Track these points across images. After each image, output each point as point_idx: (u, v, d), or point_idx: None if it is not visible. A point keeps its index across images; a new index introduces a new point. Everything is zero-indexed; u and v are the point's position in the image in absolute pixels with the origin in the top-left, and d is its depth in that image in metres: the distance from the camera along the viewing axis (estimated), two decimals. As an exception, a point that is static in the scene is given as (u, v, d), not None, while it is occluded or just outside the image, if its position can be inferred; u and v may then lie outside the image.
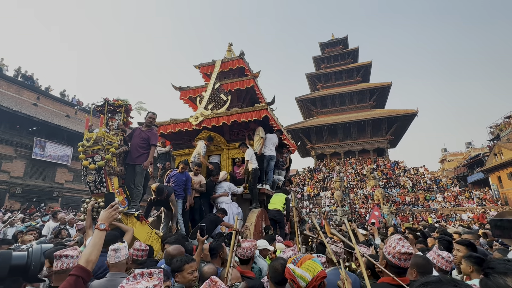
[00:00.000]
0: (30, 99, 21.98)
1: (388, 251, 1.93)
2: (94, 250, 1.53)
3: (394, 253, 1.87)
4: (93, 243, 1.56)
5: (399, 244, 1.89)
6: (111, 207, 1.74)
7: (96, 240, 1.57)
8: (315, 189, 29.74)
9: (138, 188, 4.71)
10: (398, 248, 1.86)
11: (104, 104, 4.68)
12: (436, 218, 21.41)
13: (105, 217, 1.70)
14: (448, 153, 59.75)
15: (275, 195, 6.67)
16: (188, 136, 7.73)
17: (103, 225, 1.64)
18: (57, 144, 21.27)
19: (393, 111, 35.76)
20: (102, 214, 1.72)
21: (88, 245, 1.56)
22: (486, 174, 32.16)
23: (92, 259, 1.50)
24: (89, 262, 1.47)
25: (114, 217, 1.74)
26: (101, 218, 1.70)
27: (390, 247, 1.93)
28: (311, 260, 1.51)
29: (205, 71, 9.15)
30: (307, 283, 1.41)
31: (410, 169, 30.95)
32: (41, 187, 20.32)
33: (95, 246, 1.55)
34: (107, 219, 1.69)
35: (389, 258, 1.90)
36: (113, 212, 1.74)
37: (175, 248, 2.56)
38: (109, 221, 1.70)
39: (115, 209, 1.75)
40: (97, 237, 1.59)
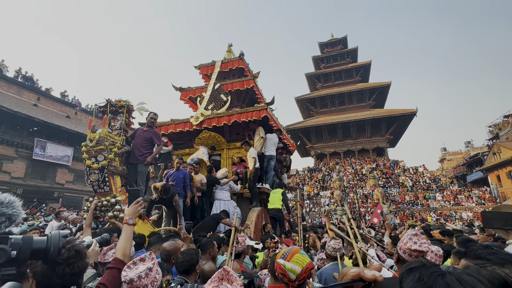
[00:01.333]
0: (30, 100, 22.04)
1: (400, 246, 1.91)
2: (128, 244, 1.62)
3: (405, 249, 1.85)
4: (125, 238, 1.63)
5: (412, 241, 1.86)
6: (137, 203, 1.80)
7: (127, 234, 1.65)
8: (314, 189, 29.82)
9: (140, 187, 4.79)
10: (409, 245, 1.84)
11: (107, 105, 4.76)
12: (436, 217, 21.50)
13: (132, 212, 1.76)
14: (447, 153, 59.81)
15: (272, 194, 6.72)
16: (189, 136, 7.81)
17: (131, 220, 1.71)
18: (58, 144, 21.34)
19: (393, 110, 35.84)
20: (129, 209, 1.77)
21: (121, 240, 1.63)
22: (485, 173, 32.26)
23: (127, 252, 1.58)
24: (126, 255, 1.56)
25: (139, 212, 1.81)
26: (128, 214, 1.75)
27: (402, 242, 1.90)
28: (299, 254, 1.56)
29: (205, 72, 9.23)
30: (297, 276, 1.46)
31: (409, 168, 31.04)
32: (41, 187, 20.38)
33: (127, 240, 1.62)
34: (134, 214, 1.76)
35: (400, 253, 1.88)
36: (139, 207, 1.80)
37: (170, 244, 2.62)
38: (135, 215, 1.77)
39: (140, 204, 1.82)
40: (128, 231, 1.66)
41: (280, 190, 6.66)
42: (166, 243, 2.70)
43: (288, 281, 1.47)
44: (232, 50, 9.95)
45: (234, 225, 2.46)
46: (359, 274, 0.51)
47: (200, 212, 6.08)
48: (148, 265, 1.45)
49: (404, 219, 20.72)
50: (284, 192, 6.66)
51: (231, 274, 1.12)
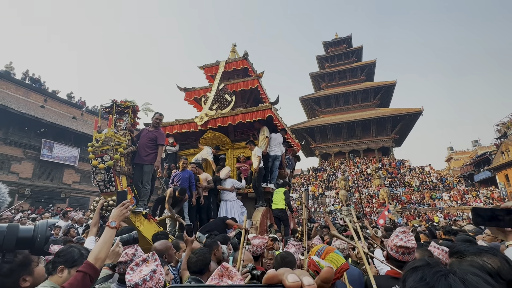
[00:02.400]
0: (37, 102, 22.33)
1: (388, 243, 1.95)
2: (104, 247, 1.51)
3: (392, 246, 1.87)
4: (103, 241, 1.53)
5: (398, 237, 1.88)
6: (123, 205, 1.72)
7: (106, 237, 1.55)
8: (319, 189, 29.70)
9: (145, 187, 4.82)
10: (395, 241, 1.86)
11: (112, 106, 4.80)
12: (443, 217, 21.26)
13: (116, 215, 1.67)
14: (454, 152, 59.10)
15: (275, 193, 6.71)
16: (194, 136, 7.84)
17: (113, 223, 1.62)
18: (64, 145, 21.60)
19: (398, 109, 35.55)
20: (114, 212, 1.70)
21: (98, 242, 1.54)
22: (493, 172, 31.79)
23: (102, 256, 1.47)
24: (98, 259, 1.45)
25: (125, 215, 1.72)
26: (112, 216, 1.67)
27: (390, 239, 1.94)
28: (334, 252, 1.53)
29: (209, 72, 9.26)
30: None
31: (415, 168, 30.73)
32: (49, 187, 20.64)
33: (105, 244, 1.52)
34: (118, 217, 1.67)
35: (388, 250, 1.91)
36: (125, 210, 1.72)
37: (161, 243, 2.62)
38: (120, 219, 1.68)
39: (126, 207, 1.73)
40: (107, 234, 1.57)
41: (283, 189, 6.64)
42: (157, 242, 2.71)
43: None
44: (236, 50, 9.96)
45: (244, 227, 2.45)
46: (277, 277, 0.35)
47: (206, 212, 6.10)
48: (151, 267, 1.46)
49: (410, 219, 20.53)
50: (286, 191, 6.64)
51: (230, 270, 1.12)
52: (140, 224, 4.58)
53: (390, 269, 1.92)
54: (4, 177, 18.08)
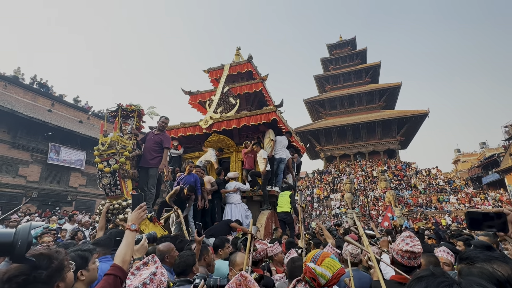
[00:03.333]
0: (45, 106, 22.65)
1: (393, 247, 1.92)
2: (128, 250, 1.55)
3: (397, 250, 1.85)
4: (126, 244, 1.56)
5: (404, 242, 1.86)
6: (140, 208, 1.75)
7: (128, 240, 1.59)
8: (324, 192, 29.53)
9: (151, 190, 4.84)
10: (401, 246, 1.84)
11: (118, 109, 4.85)
12: (452, 220, 20.94)
13: (135, 218, 1.70)
14: (461, 154, 58.33)
15: (280, 197, 6.67)
16: (198, 139, 7.87)
17: (134, 226, 1.65)
18: (71, 149, 21.84)
19: (404, 111, 35.26)
20: (132, 215, 1.73)
21: (121, 246, 1.56)
22: (502, 175, 31.25)
23: (127, 259, 1.52)
24: (125, 262, 1.49)
25: (143, 218, 1.75)
26: (131, 219, 1.69)
27: (395, 244, 1.91)
28: (329, 258, 1.51)
29: (213, 76, 9.31)
30: (327, 281, 1.42)
31: (422, 170, 30.39)
32: (56, 191, 20.86)
33: (128, 246, 1.56)
34: (137, 220, 1.70)
35: (394, 255, 1.89)
36: (142, 212, 1.75)
37: (164, 245, 2.65)
38: (138, 221, 1.71)
39: (144, 209, 1.76)
40: (129, 237, 1.60)
41: (288, 192, 6.59)
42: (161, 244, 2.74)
43: (317, 286, 1.44)
44: (241, 54, 10.00)
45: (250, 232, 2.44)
46: None
47: (210, 215, 6.10)
48: (151, 270, 1.45)
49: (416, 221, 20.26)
50: (292, 194, 6.59)
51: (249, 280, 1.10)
52: (145, 227, 4.60)
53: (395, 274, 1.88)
54: (12, 180, 18.34)
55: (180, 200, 5.22)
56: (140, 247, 1.94)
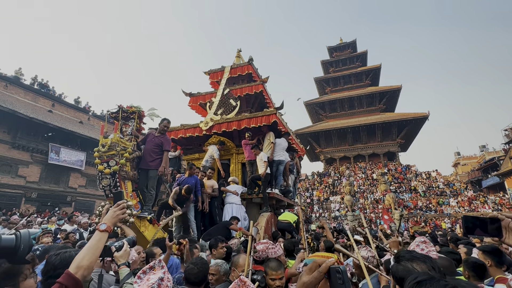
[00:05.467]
0: (45, 106, 22.68)
1: None
2: (88, 254, 1.31)
3: None
4: (89, 246, 1.34)
5: (419, 247, 1.80)
6: (117, 206, 1.52)
7: (93, 242, 1.35)
8: (324, 194, 29.50)
9: (151, 192, 4.84)
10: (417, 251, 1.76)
11: (118, 111, 4.85)
12: (451, 223, 20.91)
13: (109, 217, 1.47)
14: (461, 157, 58.30)
15: (287, 212, 6.64)
16: (198, 141, 7.87)
17: (103, 226, 1.41)
18: (71, 149, 21.84)
19: (404, 114, 35.30)
20: (107, 214, 1.51)
21: (83, 249, 1.34)
22: (502, 178, 31.24)
23: (84, 264, 1.26)
24: (80, 268, 1.24)
25: (119, 217, 1.51)
26: (105, 218, 1.47)
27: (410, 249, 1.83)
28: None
29: (214, 78, 9.32)
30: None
31: (422, 173, 30.38)
32: (55, 191, 20.84)
33: (90, 249, 1.32)
34: (111, 219, 1.46)
35: None
36: (119, 211, 1.51)
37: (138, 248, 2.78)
38: (112, 221, 1.47)
39: (121, 208, 1.52)
40: (95, 239, 1.37)
41: (296, 216, 6.48)
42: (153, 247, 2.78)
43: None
44: (241, 56, 10.02)
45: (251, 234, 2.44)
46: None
47: (209, 217, 6.09)
48: (159, 275, 1.45)
49: (417, 225, 20.24)
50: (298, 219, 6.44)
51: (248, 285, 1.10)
52: (145, 229, 4.59)
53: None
54: (11, 181, 18.33)
55: (180, 201, 5.22)
56: (123, 253, 1.85)
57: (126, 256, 1.88)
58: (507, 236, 0.96)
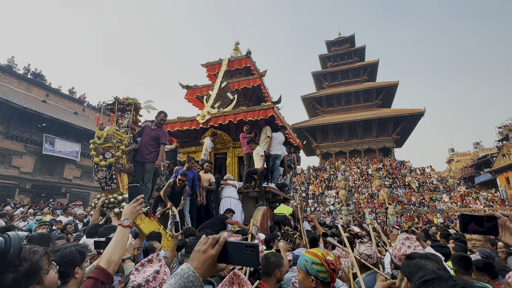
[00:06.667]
0: (39, 96, 22.33)
1: (394, 254, 1.79)
2: (117, 249, 1.36)
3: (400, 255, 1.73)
4: (115, 241, 1.38)
5: (405, 245, 1.75)
6: (136, 201, 1.52)
7: (119, 237, 1.40)
8: (320, 188, 29.70)
9: (147, 185, 4.82)
10: (404, 250, 1.73)
11: (114, 103, 4.79)
12: (443, 218, 21.24)
13: (130, 212, 1.47)
14: (455, 153, 58.98)
15: (282, 205, 6.64)
16: (195, 134, 7.83)
17: (127, 221, 1.43)
18: (66, 140, 21.62)
19: (400, 110, 35.46)
20: (126, 209, 1.51)
21: (110, 243, 1.39)
22: (494, 175, 31.70)
23: (115, 259, 1.32)
24: (111, 263, 1.30)
25: (139, 212, 1.53)
26: (125, 213, 1.47)
27: (396, 249, 1.79)
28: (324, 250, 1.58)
29: (211, 71, 9.23)
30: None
31: (416, 169, 30.70)
32: (49, 182, 20.69)
33: (117, 244, 1.37)
34: (132, 215, 1.48)
35: (396, 261, 1.76)
36: (138, 206, 1.52)
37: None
38: (133, 216, 1.49)
39: (140, 203, 1.53)
40: (120, 234, 1.40)
41: (292, 209, 6.46)
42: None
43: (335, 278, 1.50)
44: (239, 48, 9.92)
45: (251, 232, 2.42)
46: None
47: (205, 210, 6.10)
48: (155, 268, 1.45)
49: (411, 220, 20.54)
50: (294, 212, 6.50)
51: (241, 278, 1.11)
52: (140, 221, 4.58)
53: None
54: (5, 171, 18.15)
55: (175, 193, 5.21)
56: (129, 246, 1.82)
57: (130, 249, 1.88)
58: (503, 234, 0.97)
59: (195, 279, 0.80)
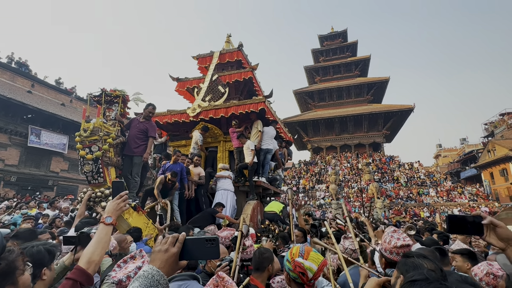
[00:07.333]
0: (24, 87, 21.64)
1: (384, 247, 1.77)
2: (98, 248, 1.27)
3: (390, 248, 1.71)
4: (97, 240, 1.30)
5: (394, 238, 1.73)
6: (120, 198, 1.44)
7: (101, 236, 1.31)
8: (310, 182, 29.98)
9: (135, 179, 4.75)
10: (394, 242, 1.71)
11: (101, 94, 4.67)
12: (429, 212, 21.80)
13: (113, 209, 1.40)
14: (442, 149, 60.33)
15: (273, 202, 6.64)
16: (185, 127, 7.73)
17: (109, 219, 1.35)
18: (52, 132, 21.09)
19: (390, 106, 35.89)
20: (109, 205, 1.42)
21: (91, 243, 1.30)
22: (479, 170, 32.64)
23: (96, 259, 1.24)
24: (92, 263, 1.22)
25: (123, 209, 1.45)
26: (108, 210, 1.40)
27: (385, 242, 1.77)
28: (313, 251, 1.57)
29: (202, 63, 9.07)
30: (314, 274, 1.47)
31: (404, 164, 31.28)
32: (36, 175, 20.22)
33: (99, 243, 1.29)
34: (115, 212, 1.40)
35: (386, 255, 1.75)
36: (122, 203, 1.44)
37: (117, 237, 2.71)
38: (117, 213, 1.41)
39: (124, 199, 1.45)
40: (102, 232, 1.33)
41: (282, 205, 6.49)
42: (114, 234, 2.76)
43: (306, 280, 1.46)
44: (231, 41, 9.77)
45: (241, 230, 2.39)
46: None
47: (195, 204, 6.06)
48: (137, 264, 1.43)
49: (398, 214, 20.99)
50: (285, 207, 6.47)
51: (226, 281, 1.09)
52: (129, 216, 4.52)
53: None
54: (-11, 164, 17.63)
55: (166, 189, 5.16)
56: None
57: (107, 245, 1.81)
58: (488, 234, 0.98)
59: (160, 277, 0.81)
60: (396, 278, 1.19)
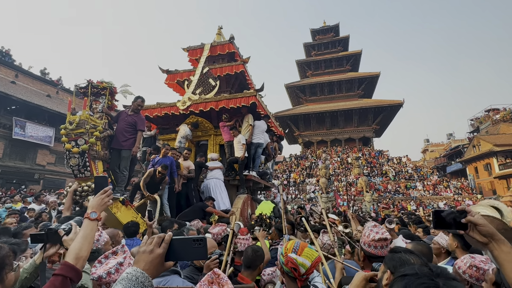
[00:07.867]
0: (7, 77, 20.86)
1: (363, 241, 1.84)
2: (85, 244, 1.28)
3: (369, 242, 1.78)
4: (83, 235, 1.29)
5: (373, 231, 1.80)
6: (104, 193, 1.43)
7: (87, 231, 1.31)
8: (301, 176, 30.23)
9: (123, 173, 4.67)
10: (373, 236, 1.77)
11: (88, 86, 4.54)
12: (416, 205, 22.34)
13: (97, 204, 1.39)
14: (430, 144, 61.63)
15: (263, 202, 6.62)
16: (175, 120, 7.62)
17: (94, 214, 1.35)
18: (38, 124, 20.49)
19: (380, 101, 36.29)
20: (93, 201, 1.41)
21: (77, 238, 1.29)
22: (464, 164, 33.53)
23: (83, 255, 1.25)
24: (79, 259, 1.22)
25: (107, 204, 1.44)
26: (92, 206, 1.38)
27: (364, 236, 1.84)
28: (308, 247, 1.58)
29: (193, 56, 8.93)
30: (307, 269, 1.48)
31: (393, 158, 31.85)
32: (21, 168, 19.69)
33: (85, 239, 1.29)
34: (99, 207, 1.39)
35: (365, 248, 1.81)
36: (106, 198, 1.43)
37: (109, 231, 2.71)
38: (101, 209, 1.40)
39: (108, 194, 1.44)
40: (87, 228, 1.32)
41: (273, 204, 6.46)
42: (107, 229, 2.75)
43: (298, 275, 1.48)
44: (222, 33, 9.63)
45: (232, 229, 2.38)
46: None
47: (185, 198, 6.02)
48: (119, 260, 1.39)
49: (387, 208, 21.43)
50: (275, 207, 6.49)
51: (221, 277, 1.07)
52: (117, 210, 4.46)
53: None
54: (-29, 156, 17.05)
55: (154, 183, 5.09)
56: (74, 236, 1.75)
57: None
58: (471, 229, 0.99)
59: (144, 279, 0.78)
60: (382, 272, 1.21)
